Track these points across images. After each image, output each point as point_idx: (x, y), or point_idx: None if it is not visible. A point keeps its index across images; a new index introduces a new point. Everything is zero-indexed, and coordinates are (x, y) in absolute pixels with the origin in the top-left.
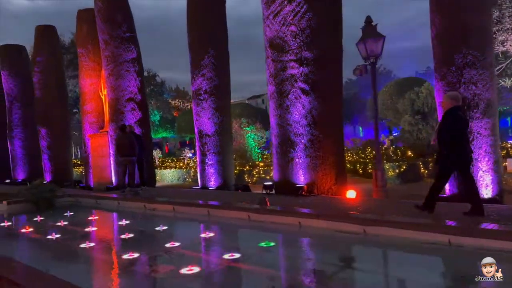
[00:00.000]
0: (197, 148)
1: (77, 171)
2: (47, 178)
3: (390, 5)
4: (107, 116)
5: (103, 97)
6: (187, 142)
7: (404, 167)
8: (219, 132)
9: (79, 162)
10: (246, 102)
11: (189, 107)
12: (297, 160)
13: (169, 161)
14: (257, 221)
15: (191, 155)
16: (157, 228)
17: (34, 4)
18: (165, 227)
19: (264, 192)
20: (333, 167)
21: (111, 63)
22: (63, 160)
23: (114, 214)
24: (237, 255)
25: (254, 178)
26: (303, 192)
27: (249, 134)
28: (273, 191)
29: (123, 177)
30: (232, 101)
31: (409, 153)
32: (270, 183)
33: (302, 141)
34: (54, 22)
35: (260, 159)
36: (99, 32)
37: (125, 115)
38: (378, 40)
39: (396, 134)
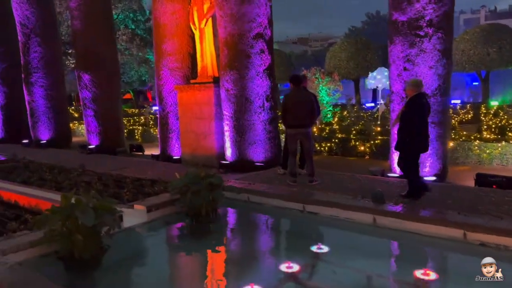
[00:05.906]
0: (394, 114)
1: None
2: (93, 142)
3: None
4: (204, 61)
5: (196, 32)
6: None
7: None
8: (443, 90)
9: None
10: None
11: None
12: None
13: None
14: None
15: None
16: None
17: None
18: None
19: None
20: None
21: None
22: (113, 117)
23: None
24: None
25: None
26: None
27: (321, 87)
28: None
29: (294, 161)
30: None
31: None
32: None
33: None
34: None
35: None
36: None
37: (251, 60)
38: None
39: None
